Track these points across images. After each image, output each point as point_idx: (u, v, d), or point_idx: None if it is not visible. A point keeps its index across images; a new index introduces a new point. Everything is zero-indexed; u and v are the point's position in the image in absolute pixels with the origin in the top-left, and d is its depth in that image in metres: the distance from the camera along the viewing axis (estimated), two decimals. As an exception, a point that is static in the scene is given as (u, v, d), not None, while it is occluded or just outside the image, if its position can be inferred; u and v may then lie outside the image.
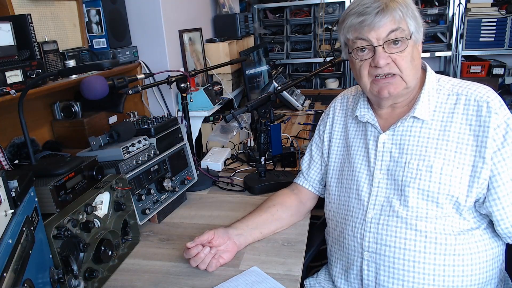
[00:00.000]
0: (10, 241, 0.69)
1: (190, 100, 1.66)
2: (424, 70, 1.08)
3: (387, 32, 0.96)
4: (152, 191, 1.32)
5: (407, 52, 0.98)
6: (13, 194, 0.76)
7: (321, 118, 1.31)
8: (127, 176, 1.21)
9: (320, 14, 3.74)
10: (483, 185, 0.95)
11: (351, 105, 1.21)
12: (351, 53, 1.04)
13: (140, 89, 1.44)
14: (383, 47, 0.97)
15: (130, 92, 1.41)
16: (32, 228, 0.80)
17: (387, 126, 1.08)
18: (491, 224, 1.01)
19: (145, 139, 1.35)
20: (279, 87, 1.70)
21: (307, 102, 2.89)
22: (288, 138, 2.06)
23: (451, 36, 3.53)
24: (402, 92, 1.02)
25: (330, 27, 3.73)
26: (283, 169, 1.74)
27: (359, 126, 1.15)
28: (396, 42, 0.97)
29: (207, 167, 1.78)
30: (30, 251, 0.77)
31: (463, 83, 1.04)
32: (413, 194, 0.99)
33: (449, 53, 3.56)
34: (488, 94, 0.98)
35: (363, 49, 1.00)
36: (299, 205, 1.30)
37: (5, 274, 0.65)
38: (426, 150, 1.00)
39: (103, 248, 1.05)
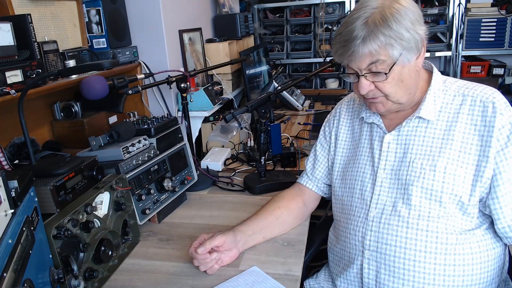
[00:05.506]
0: (10, 241, 0.69)
1: (190, 100, 1.66)
2: (430, 71, 1.09)
3: (367, 64, 0.96)
4: (152, 191, 1.32)
5: (391, 78, 0.97)
6: (13, 194, 0.76)
7: (326, 119, 1.31)
8: (127, 176, 1.21)
9: (320, 14, 3.74)
10: (486, 184, 0.96)
11: (357, 107, 1.21)
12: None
13: (140, 89, 1.44)
14: (365, 76, 0.98)
15: (130, 92, 1.41)
16: (32, 228, 0.80)
17: (393, 126, 1.09)
18: (492, 224, 1.01)
19: (145, 139, 1.35)
20: (279, 87, 1.70)
21: (307, 102, 2.89)
22: (288, 138, 2.06)
23: (451, 36, 3.53)
24: (392, 108, 1.04)
25: (330, 27, 3.73)
26: (283, 169, 1.74)
27: (365, 127, 1.16)
28: (377, 73, 0.97)
29: (207, 167, 1.78)
30: (30, 251, 0.77)
31: (469, 85, 1.04)
32: (416, 193, 1.00)
33: (449, 53, 3.56)
34: (494, 95, 0.99)
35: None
36: (303, 208, 1.30)
37: (5, 274, 0.65)
38: (431, 150, 1.01)
39: (103, 248, 1.05)
